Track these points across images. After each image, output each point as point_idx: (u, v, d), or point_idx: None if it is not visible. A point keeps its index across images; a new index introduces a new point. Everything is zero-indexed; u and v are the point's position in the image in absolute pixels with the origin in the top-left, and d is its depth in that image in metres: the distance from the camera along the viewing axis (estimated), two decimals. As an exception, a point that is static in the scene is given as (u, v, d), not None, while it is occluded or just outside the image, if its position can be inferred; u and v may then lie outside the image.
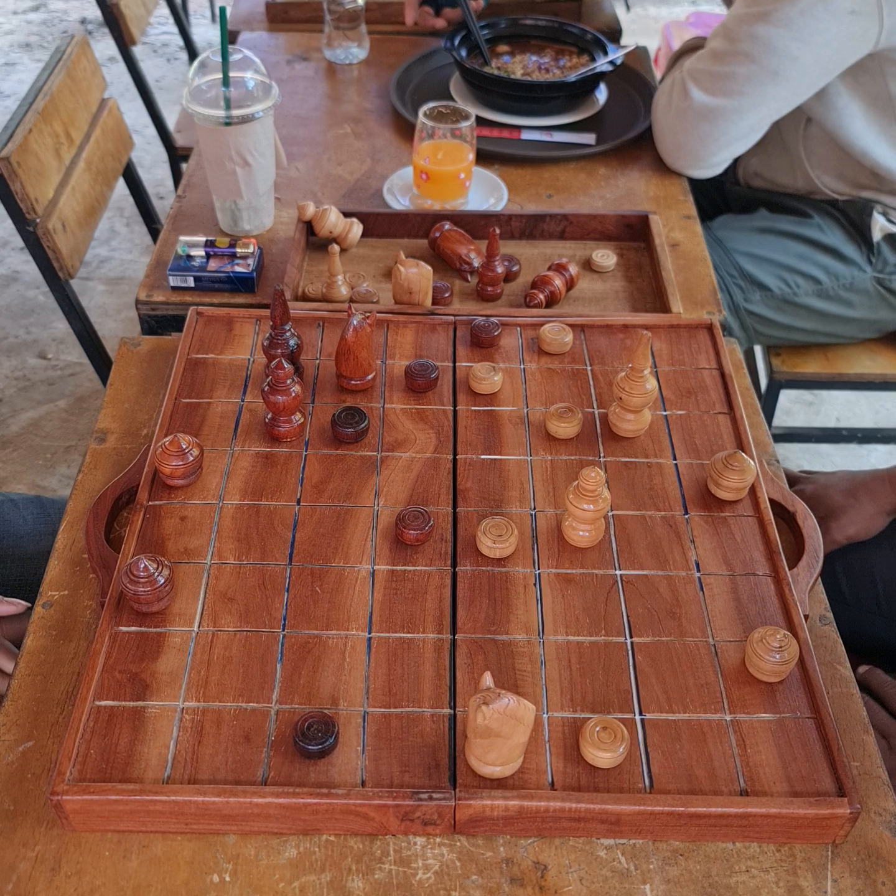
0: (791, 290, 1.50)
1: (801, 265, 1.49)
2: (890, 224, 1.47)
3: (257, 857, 0.68)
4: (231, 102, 1.14)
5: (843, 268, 1.50)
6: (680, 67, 1.41)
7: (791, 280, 1.50)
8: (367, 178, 1.39)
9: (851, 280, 1.50)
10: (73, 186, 1.42)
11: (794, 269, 1.50)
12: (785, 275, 1.50)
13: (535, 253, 1.23)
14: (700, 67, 1.35)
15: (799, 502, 0.91)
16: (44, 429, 2.14)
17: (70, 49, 1.47)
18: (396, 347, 1.02)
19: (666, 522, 0.86)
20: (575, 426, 0.93)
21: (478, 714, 0.63)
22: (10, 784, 0.71)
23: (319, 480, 0.89)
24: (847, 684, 0.79)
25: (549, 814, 0.67)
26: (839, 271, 1.50)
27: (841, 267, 1.50)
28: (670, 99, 1.39)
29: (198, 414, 0.95)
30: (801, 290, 1.50)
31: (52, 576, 0.85)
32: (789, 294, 1.50)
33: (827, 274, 1.50)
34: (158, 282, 1.18)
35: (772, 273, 1.50)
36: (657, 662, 0.76)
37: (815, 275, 1.50)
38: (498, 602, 0.80)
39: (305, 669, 0.75)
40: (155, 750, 0.70)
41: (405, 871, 0.67)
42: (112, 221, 2.74)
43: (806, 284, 1.50)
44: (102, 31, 3.64)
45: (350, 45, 1.67)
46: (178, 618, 0.78)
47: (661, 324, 1.05)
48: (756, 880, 0.68)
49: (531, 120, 1.49)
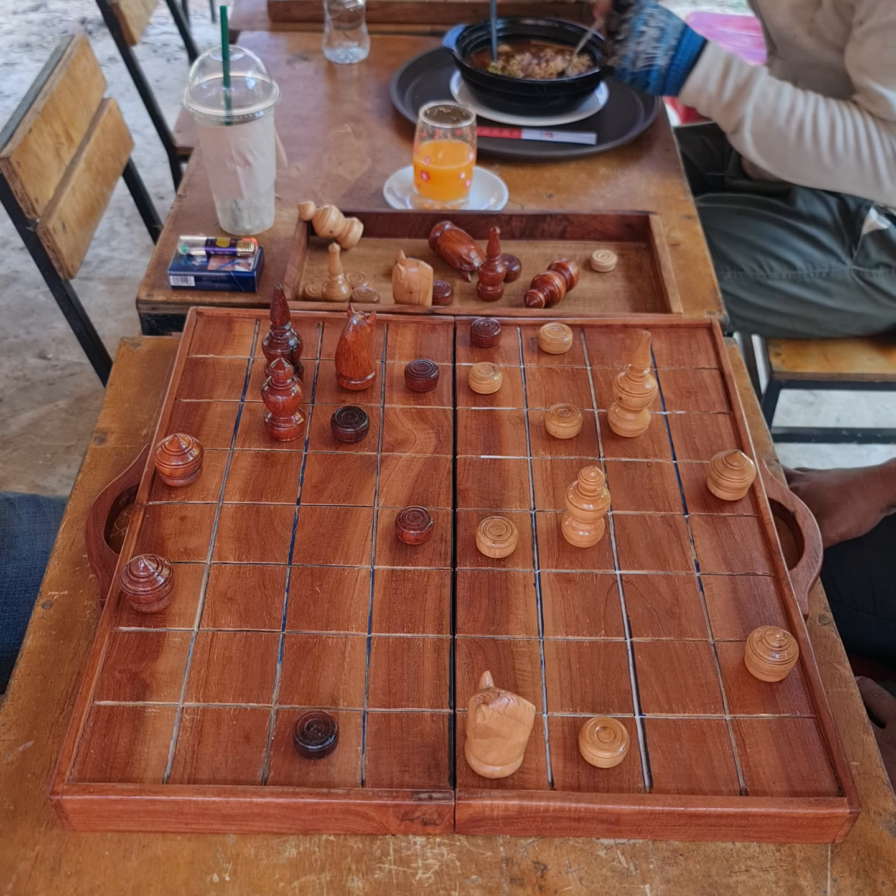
0: (764, 272, 1.51)
1: (777, 249, 1.50)
2: (881, 221, 1.47)
3: (257, 856, 0.68)
4: (232, 102, 1.14)
5: (821, 256, 1.50)
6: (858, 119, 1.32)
7: (765, 262, 1.51)
8: (368, 177, 1.39)
9: (829, 269, 1.51)
10: (73, 186, 1.42)
11: (769, 252, 1.50)
12: (759, 256, 1.51)
13: (535, 253, 1.23)
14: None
15: (799, 502, 0.91)
16: (44, 429, 2.14)
17: (70, 49, 1.47)
18: (396, 347, 1.02)
19: (666, 522, 0.86)
20: (575, 426, 0.93)
21: (478, 714, 0.63)
22: (10, 784, 0.71)
23: (319, 480, 0.89)
24: (847, 684, 0.79)
25: (549, 814, 0.67)
26: (816, 259, 1.50)
27: (818, 255, 1.50)
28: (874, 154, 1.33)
29: (198, 414, 0.95)
30: (775, 273, 1.51)
31: (51, 576, 0.85)
32: (762, 276, 1.51)
33: (803, 260, 1.50)
34: (159, 281, 1.18)
35: (745, 253, 1.50)
36: (657, 662, 0.76)
37: (791, 260, 1.50)
38: (498, 602, 0.80)
39: (305, 669, 0.75)
40: (155, 750, 0.70)
41: (405, 871, 0.67)
42: (112, 221, 2.74)
43: (780, 268, 1.51)
44: (102, 31, 3.64)
45: (350, 44, 1.67)
46: (178, 618, 0.78)
47: (661, 324, 1.06)
48: (756, 880, 0.68)
49: (531, 120, 1.49)
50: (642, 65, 1.36)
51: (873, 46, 1.28)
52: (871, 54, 1.29)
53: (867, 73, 1.30)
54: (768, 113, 1.33)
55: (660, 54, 1.35)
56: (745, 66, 1.35)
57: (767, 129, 1.34)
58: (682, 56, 1.34)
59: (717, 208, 1.53)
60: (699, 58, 1.34)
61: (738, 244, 1.50)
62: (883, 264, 1.50)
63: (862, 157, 1.32)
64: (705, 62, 1.34)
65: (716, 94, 1.35)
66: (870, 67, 1.29)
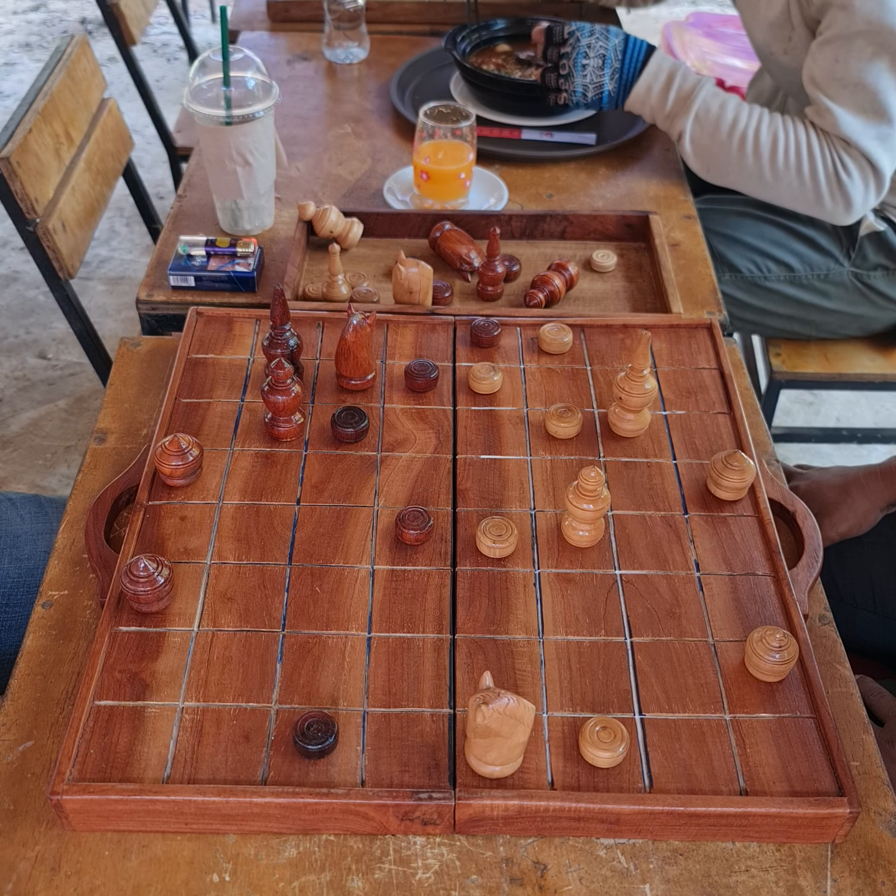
0: (762, 273, 1.51)
1: (775, 250, 1.50)
2: (878, 222, 1.47)
3: (257, 856, 0.68)
4: (232, 102, 1.14)
5: (819, 258, 1.50)
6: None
7: (763, 264, 1.51)
8: (368, 177, 1.39)
9: (827, 271, 1.51)
10: (73, 186, 1.42)
11: (767, 254, 1.50)
12: (756, 258, 1.51)
13: (535, 253, 1.23)
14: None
15: (799, 502, 0.91)
16: (44, 429, 2.14)
17: (70, 49, 1.47)
18: (396, 347, 1.02)
19: (666, 522, 0.86)
20: (575, 426, 0.93)
21: (477, 714, 0.63)
22: (10, 784, 0.71)
23: (319, 480, 0.89)
24: (847, 684, 0.79)
25: (549, 813, 0.67)
26: (814, 261, 1.50)
27: (816, 257, 1.50)
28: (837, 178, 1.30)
29: (198, 414, 0.95)
30: (773, 274, 1.51)
31: (51, 575, 0.85)
32: (760, 278, 1.51)
33: (801, 262, 1.50)
34: (159, 281, 1.18)
35: (743, 255, 1.50)
36: (657, 662, 0.76)
37: (789, 261, 1.50)
38: (498, 602, 0.80)
39: (305, 669, 0.75)
40: (155, 750, 0.70)
41: (405, 871, 0.67)
42: (112, 221, 2.74)
43: (778, 270, 1.51)
44: (102, 31, 3.65)
45: (350, 44, 1.67)
46: (177, 617, 0.78)
47: (661, 324, 1.06)
48: (756, 880, 0.68)
49: (531, 120, 1.49)
50: (592, 94, 1.37)
51: (825, 60, 1.27)
52: (822, 67, 1.28)
53: (817, 85, 1.29)
54: (710, 126, 1.32)
55: (606, 80, 1.35)
56: (690, 77, 1.33)
57: (710, 142, 1.33)
58: (627, 74, 1.35)
59: (716, 210, 1.53)
60: (642, 70, 1.34)
61: (736, 246, 1.50)
62: (881, 266, 1.50)
63: (803, 172, 1.30)
64: (647, 75, 1.34)
65: (658, 104, 1.35)
66: (820, 80, 1.28)
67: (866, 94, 1.25)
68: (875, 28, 1.21)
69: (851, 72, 1.25)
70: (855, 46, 1.24)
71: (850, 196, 1.31)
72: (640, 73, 1.34)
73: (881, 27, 1.21)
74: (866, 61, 1.24)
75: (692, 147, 1.34)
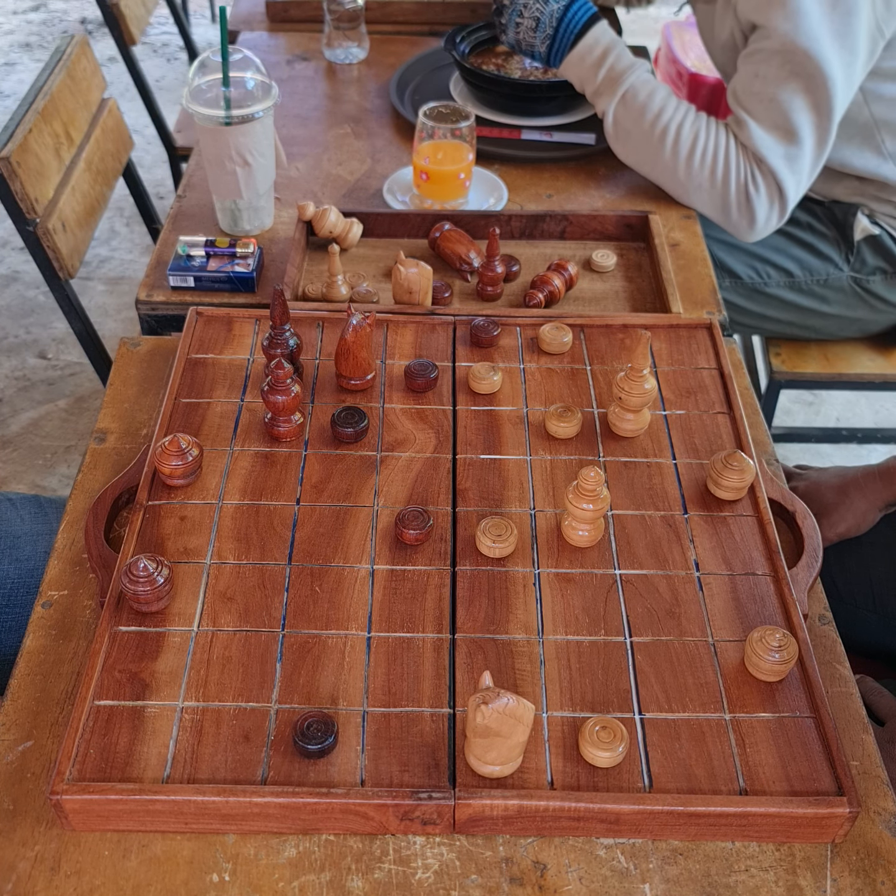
0: (762, 279, 1.51)
1: (774, 256, 1.50)
2: (872, 226, 1.48)
3: (257, 856, 0.68)
4: (231, 102, 1.14)
5: (819, 263, 1.50)
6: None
7: (762, 270, 1.51)
8: (367, 177, 1.39)
9: (826, 276, 1.51)
10: (73, 186, 1.42)
11: (767, 260, 1.50)
12: (756, 264, 1.51)
13: (535, 253, 1.23)
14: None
15: (798, 502, 0.91)
16: (44, 429, 2.14)
17: (70, 49, 1.47)
18: (396, 347, 1.02)
19: (665, 522, 0.87)
20: (574, 426, 0.93)
21: (477, 713, 0.63)
22: (10, 784, 0.71)
23: (319, 480, 0.89)
24: (846, 684, 0.79)
25: (549, 813, 0.67)
26: (813, 266, 1.50)
27: (816, 262, 1.50)
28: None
29: (197, 414, 0.95)
30: (773, 280, 1.51)
31: (51, 575, 0.85)
32: (759, 284, 1.51)
33: (801, 268, 1.51)
34: (158, 282, 1.18)
35: (743, 262, 1.50)
36: (656, 662, 0.76)
37: (788, 267, 1.51)
38: (497, 602, 0.80)
39: (305, 669, 0.75)
40: (154, 749, 0.70)
41: (405, 871, 0.67)
42: (112, 221, 2.74)
43: (777, 276, 1.51)
44: (102, 31, 3.64)
45: (350, 44, 1.67)
46: (177, 617, 0.78)
47: (660, 324, 1.06)
48: (755, 880, 0.68)
49: (531, 120, 1.49)
50: (524, 49, 1.37)
51: (746, 73, 1.27)
52: (742, 80, 1.27)
53: (737, 98, 1.28)
54: (634, 112, 1.30)
55: (537, 42, 1.34)
56: (624, 58, 1.31)
57: (632, 127, 1.31)
58: (560, 43, 1.33)
59: None
60: (577, 41, 1.32)
61: (735, 252, 1.50)
62: (879, 269, 1.50)
63: (716, 177, 1.28)
64: (582, 46, 1.32)
65: (587, 77, 1.33)
66: (740, 93, 1.28)
67: (779, 112, 1.25)
68: (790, 49, 1.21)
69: (768, 88, 1.24)
70: (773, 64, 1.24)
71: (755, 212, 1.29)
72: (577, 43, 1.32)
73: (795, 49, 1.21)
74: (783, 80, 1.23)
75: (614, 129, 1.33)
